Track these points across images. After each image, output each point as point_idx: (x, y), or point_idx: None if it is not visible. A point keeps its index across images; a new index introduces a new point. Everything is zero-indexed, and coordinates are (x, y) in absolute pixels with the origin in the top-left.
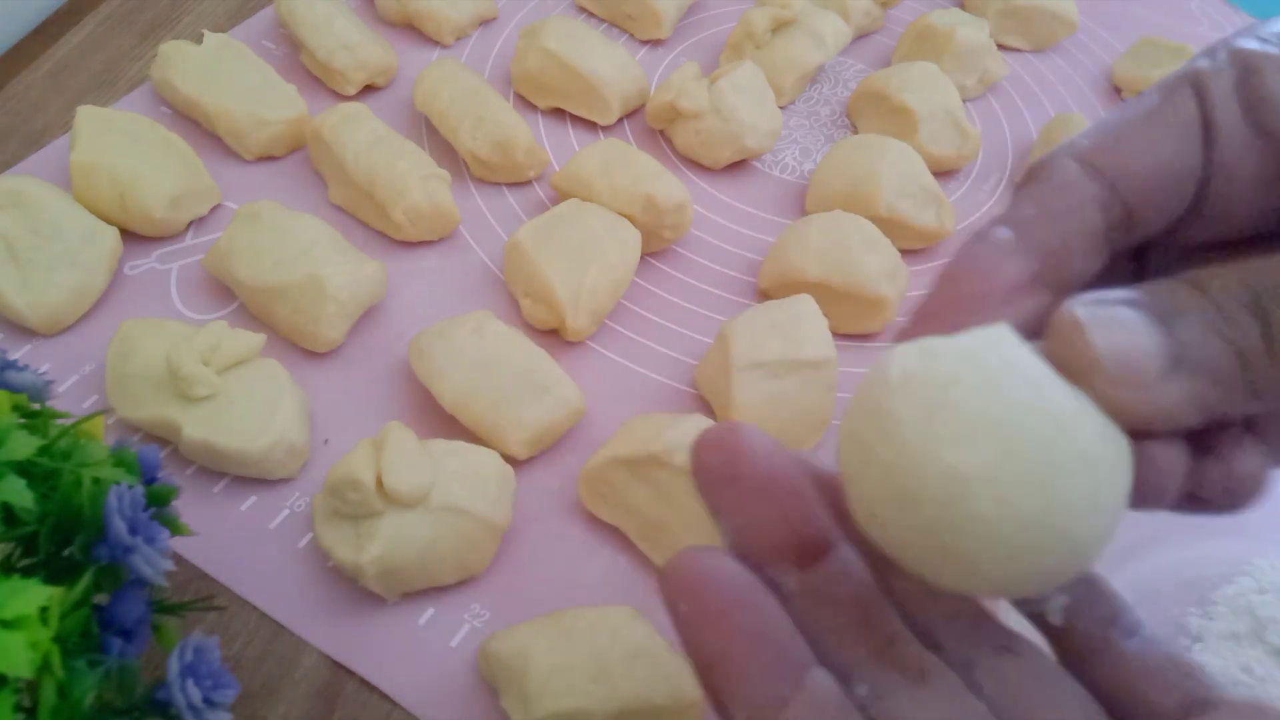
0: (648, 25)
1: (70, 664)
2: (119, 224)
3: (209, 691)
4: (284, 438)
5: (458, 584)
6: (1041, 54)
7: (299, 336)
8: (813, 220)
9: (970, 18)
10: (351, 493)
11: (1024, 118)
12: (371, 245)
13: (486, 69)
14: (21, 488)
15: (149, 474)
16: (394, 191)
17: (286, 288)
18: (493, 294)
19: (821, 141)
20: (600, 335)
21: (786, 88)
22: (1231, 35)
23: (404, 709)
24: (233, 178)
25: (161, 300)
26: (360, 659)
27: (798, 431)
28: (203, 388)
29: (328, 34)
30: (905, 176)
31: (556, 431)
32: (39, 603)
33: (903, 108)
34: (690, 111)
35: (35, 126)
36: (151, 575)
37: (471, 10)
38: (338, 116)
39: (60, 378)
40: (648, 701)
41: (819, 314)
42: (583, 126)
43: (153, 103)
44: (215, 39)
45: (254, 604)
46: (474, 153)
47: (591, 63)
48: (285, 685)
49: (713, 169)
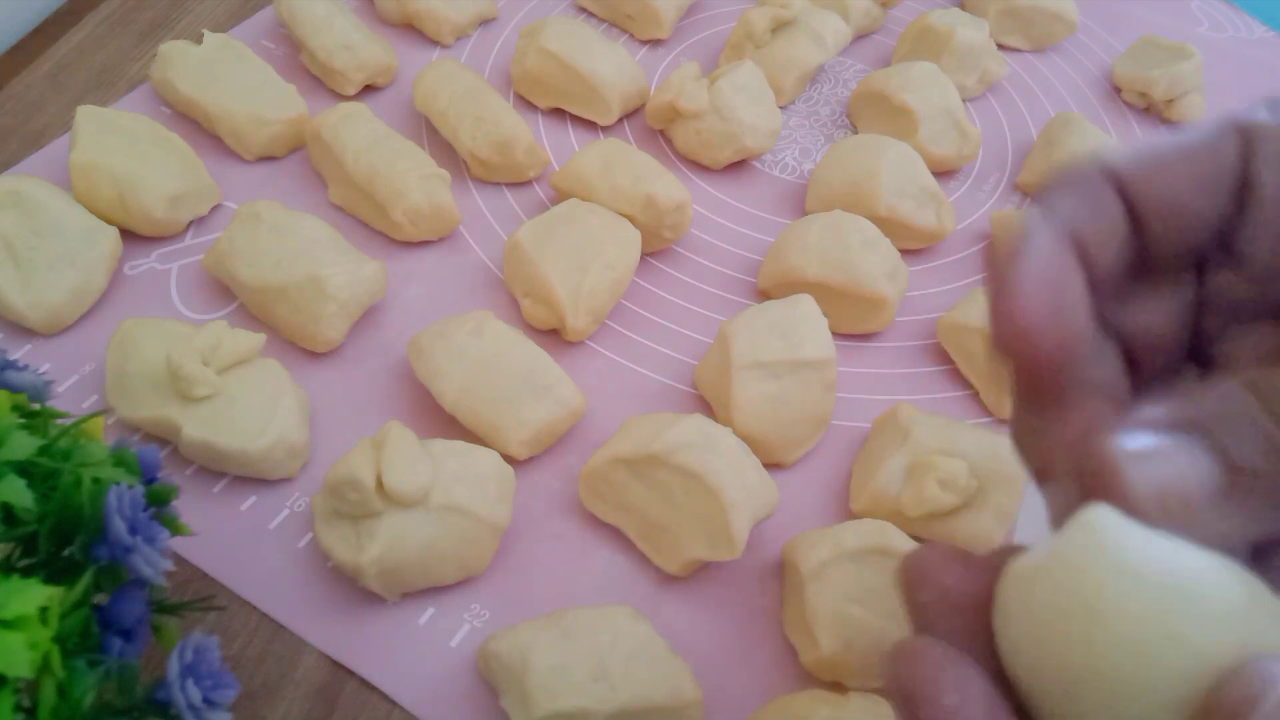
0: (648, 25)
1: (70, 664)
2: (119, 224)
3: (209, 691)
4: (284, 438)
5: (458, 584)
6: (1041, 54)
7: (299, 336)
8: (813, 220)
9: (970, 18)
10: (351, 493)
11: (1024, 118)
12: (371, 245)
13: (486, 69)
14: (21, 488)
15: (149, 474)
16: (394, 191)
17: (286, 288)
18: (493, 294)
19: (821, 141)
20: (600, 335)
21: (786, 88)
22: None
23: (404, 709)
24: (233, 178)
25: (161, 300)
26: (360, 659)
27: (798, 431)
28: (203, 388)
29: (328, 34)
30: (905, 176)
31: (556, 431)
32: (39, 603)
33: (903, 108)
34: (690, 111)
35: (35, 126)
36: (151, 575)
37: (471, 10)
38: (338, 116)
39: (60, 378)
40: (648, 701)
41: (819, 314)
42: (583, 126)
43: (153, 103)
44: (215, 39)
45: (254, 604)
46: (474, 153)
47: (591, 63)
48: (285, 685)
49: (713, 169)
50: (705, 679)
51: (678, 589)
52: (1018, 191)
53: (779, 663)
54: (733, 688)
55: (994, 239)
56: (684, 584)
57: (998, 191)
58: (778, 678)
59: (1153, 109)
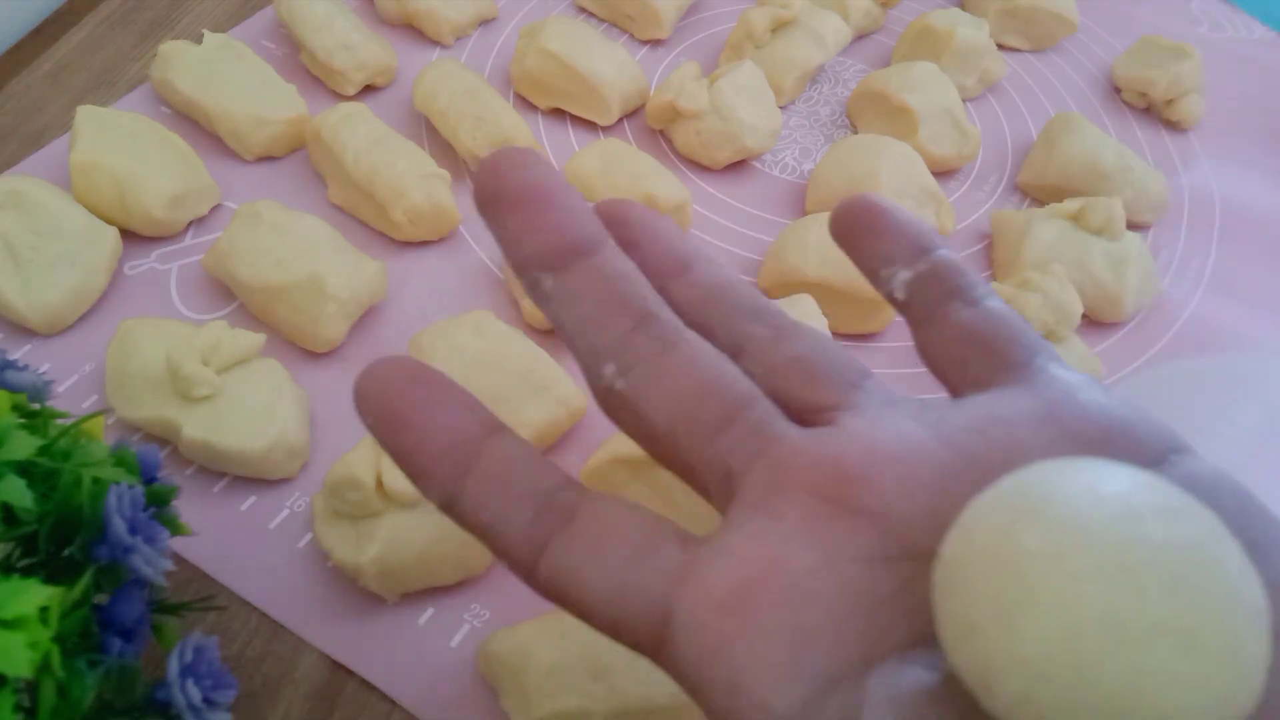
0: (648, 25)
1: (70, 664)
2: (119, 224)
3: (209, 691)
4: (284, 438)
5: (458, 584)
6: (1041, 54)
7: (299, 336)
8: (813, 220)
9: (970, 18)
10: (351, 493)
11: (1024, 118)
12: (371, 245)
13: (486, 69)
14: (21, 488)
15: (149, 474)
16: (394, 191)
17: (286, 288)
18: (493, 294)
19: (821, 141)
20: None
21: (786, 88)
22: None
23: (404, 709)
24: (233, 178)
25: (161, 300)
26: (360, 659)
27: None
28: (203, 388)
29: (328, 34)
30: (905, 176)
31: (556, 431)
32: (39, 603)
33: (903, 108)
34: (690, 111)
35: (35, 126)
36: (151, 575)
37: (471, 10)
38: (338, 116)
39: (60, 378)
40: (648, 701)
41: (819, 314)
42: (583, 126)
43: (153, 103)
44: (215, 39)
45: (254, 604)
46: (474, 153)
47: (591, 63)
48: (285, 685)
49: (713, 169)
50: None
51: None
52: (1018, 191)
53: None
54: None
55: None
56: None
57: (998, 191)
58: None
59: (1153, 109)
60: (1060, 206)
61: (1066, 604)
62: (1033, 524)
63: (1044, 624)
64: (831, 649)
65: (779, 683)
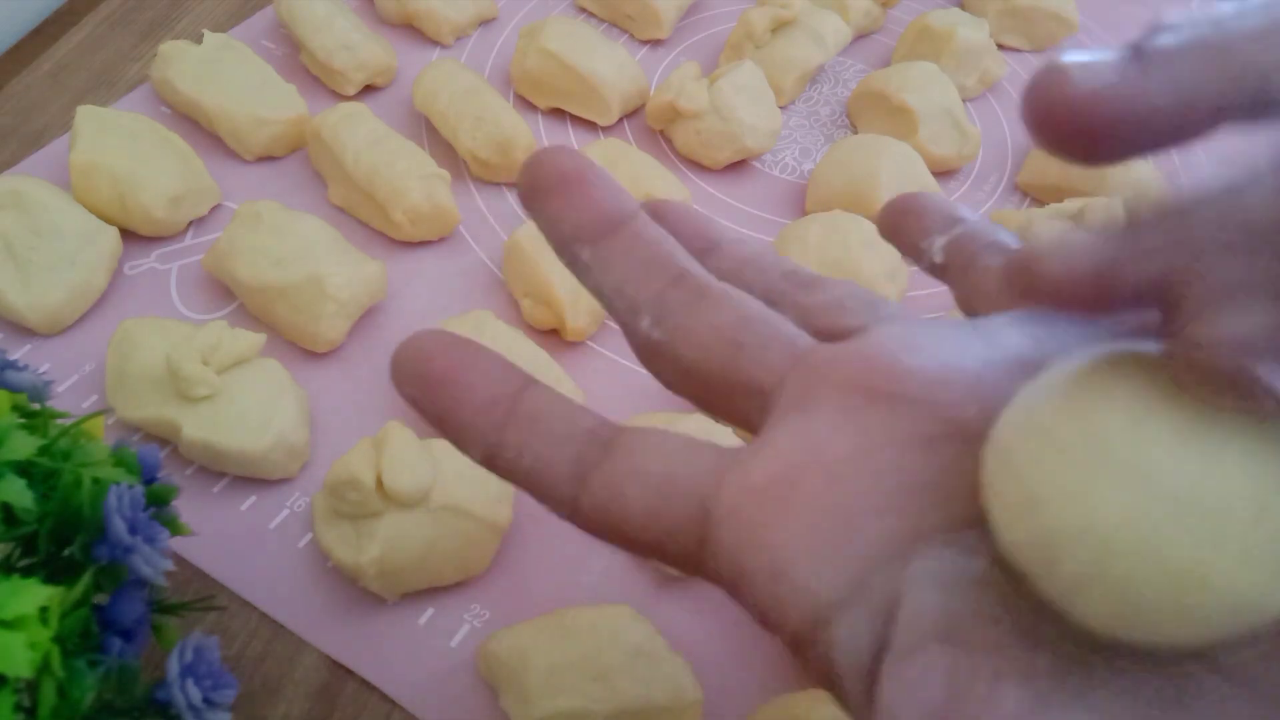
0: (648, 25)
1: (70, 664)
2: (119, 224)
3: (209, 691)
4: (284, 438)
5: (458, 584)
6: (1041, 54)
7: (299, 336)
8: (813, 220)
9: (970, 18)
10: (351, 493)
11: None
12: (371, 245)
13: (486, 69)
14: (21, 488)
15: (149, 474)
16: (394, 191)
17: (286, 288)
18: (493, 294)
19: (821, 141)
20: (600, 335)
21: (786, 88)
22: None
23: (404, 709)
24: (233, 178)
25: (161, 300)
26: (360, 659)
27: None
28: (203, 388)
29: (328, 34)
30: (905, 176)
31: None
32: (39, 603)
33: (903, 108)
34: (690, 111)
35: (35, 126)
36: (151, 575)
37: (471, 10)
38: (338, 116)
39: (60, 378)
40: (647, 701)
41: None
42: (583, 126)
43: (153, 103)
44: (215, 39)
45: (254, 604)
46: (474, 153)
47: (591, 63)
48: (285, 685)
49: (713, 169)
50: (705, 679)
51: (677, 589)
52: (1018, 191)
53: (779, 663)
54: (733, 688)
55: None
56: (684, 584)
57: (998, 191)
58: (778, 678)
59: None
60: (1060, 206)
61: (1142, 474)
62: (1103, 398)
63: (1118, 493)
64: (872, 532)
65: (820, 566)
